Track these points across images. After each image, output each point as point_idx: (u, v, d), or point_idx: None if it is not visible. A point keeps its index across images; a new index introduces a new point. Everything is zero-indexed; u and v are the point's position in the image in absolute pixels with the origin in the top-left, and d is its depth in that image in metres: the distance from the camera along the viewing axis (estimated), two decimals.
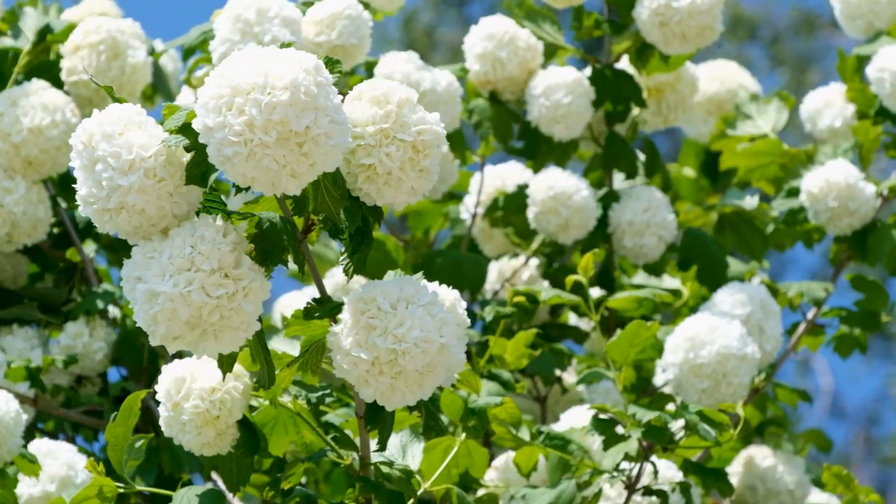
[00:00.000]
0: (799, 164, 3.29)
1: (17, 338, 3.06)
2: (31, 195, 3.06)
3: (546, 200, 3.17)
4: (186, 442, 2.25)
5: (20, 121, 3.02)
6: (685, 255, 3.27)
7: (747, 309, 3.00)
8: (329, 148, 1.93)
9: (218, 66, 1.96)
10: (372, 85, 2.09)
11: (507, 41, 3.22)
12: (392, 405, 2.05)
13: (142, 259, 2.00)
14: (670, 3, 3.09)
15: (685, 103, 3.32)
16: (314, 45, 3.07)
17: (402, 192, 2.07)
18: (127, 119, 2.02)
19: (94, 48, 3.14)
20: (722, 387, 2.88)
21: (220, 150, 1.91)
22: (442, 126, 2.08)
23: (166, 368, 2.28)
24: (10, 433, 2.53)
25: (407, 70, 3.13)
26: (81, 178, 2.02)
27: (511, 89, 3.26)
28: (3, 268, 3.23)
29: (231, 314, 1.98)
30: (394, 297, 2.04)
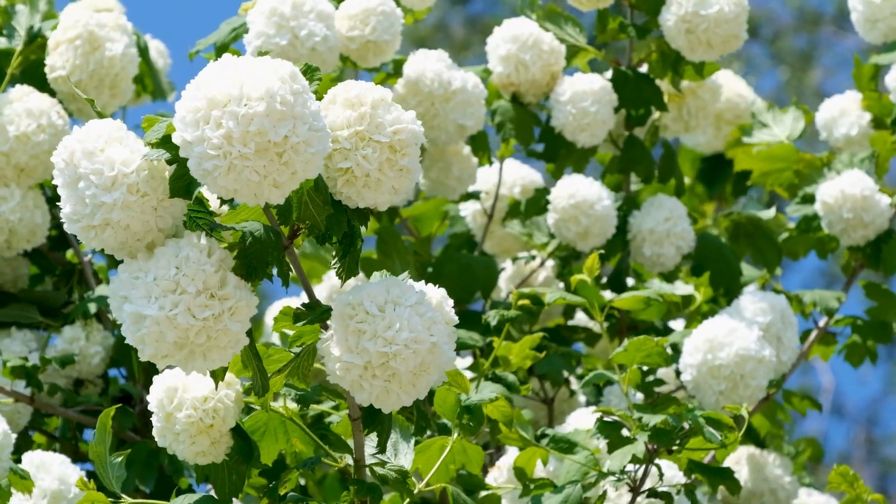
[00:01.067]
0: (814, 171, 3.26)
1: (15, 340, 3.05)
2: (27, 202, 3.04)
3: (567, 208, 3.14)
4: (181, 452, 2.23)
5: (6, 129, 2.99)
6: (699, 261, 3.24)
7: (768, 318, 2.98)
8: (309, 156, 1.91)
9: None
10: (346, 87, 2.06)
11: (531, 44, 3.18)
12: (388, 407, 2.03)
13: (127, 278, 1.98)
14: (698, 11, 3.06)
15: (706, 110, 3.29)
16: (347, 40, 3.06)
17: (382, 192, 2.05)
18: (107, 135, 1.99)
19: (71, 43, 3.09)
20: (739, 389, 2.87)
21: (200, 164, 1.89)
22: (418, 124, 2.06)
23: (157, 379, 2.26)
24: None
25: (438, 69, 3.11)
26: (65, 195, 2.00)
27: (533, 92, 3.23)
28: (3, 271, 3.21)
29: (218, 334, 1.97)
30: (381, 300, 2.02)
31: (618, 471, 2.49)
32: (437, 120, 3.11)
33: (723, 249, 3.25)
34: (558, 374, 3.07)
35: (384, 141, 2.03)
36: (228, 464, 2.26)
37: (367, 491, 2.24)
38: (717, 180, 3.60)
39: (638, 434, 2.49)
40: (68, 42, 3.10)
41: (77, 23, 3.10)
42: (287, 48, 2.96)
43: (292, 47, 2.96)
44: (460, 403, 2.40)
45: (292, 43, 2.96)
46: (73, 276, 3.21)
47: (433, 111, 3.11)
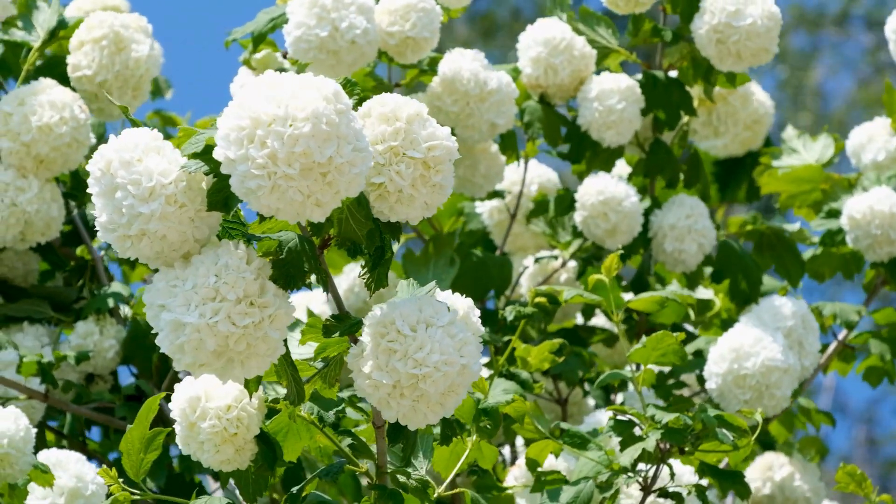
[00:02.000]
0: (840, 190, 3.26)
1: (28, 335, 3.03)
2: (44, 194, 3.02)
3: (596, 205, 3.12)
4: (205, 460, 2.22)
5: (29, 119, 2.97)
6: (719, 267, 3.23)
7: (789, 322, 2.98)
8: (353, 176, 1.89)
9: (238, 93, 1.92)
10: (381, 101, 2.04)
11: (562, 48, 3.16)
12: (414, 425, 2.02)
13: (164, 287, 1.97)
14: (731, 22, 3.04)
15: (736, 116, 3.29)
16: (386, 35, 3.04)
17: (414, 208, 2.03)
18: (144, 144, 1.97)
19: (97, 43, 3.08)
20: (764, 398, 2.88)
21: (243, 183, 1.87)
22: (453, 140, 2.04)
23: (179, 387, 2.25)
24: (21, 452, 2.49)
25: (475, 68, 3.09)
26: (100, 204, 1.98)
27: (560, 95, 3.21)
28: (14, 265, 3.19)
29: (257, 342, 1.95)
30: (413, 320, 2.00)
31: (629, 467, 2.49)
32: (471, 119, 3.10)
33: (744, 258, 3.24)
34: (574, 374, 3.08)
35: (418, 157, 2.01)
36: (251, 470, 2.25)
37: (388, 497, 2.24)
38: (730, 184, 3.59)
39: (650, 432, 2.49)
40: (93, 42, 3.08)
41: (102, 23, 3.08)
42: (327, 40, 2.94)
43: (332, 39, 2.94)
44: (477, 406, 2.40)
45: (332, 35, 2.94)
46: (86, 273, 3.19)
47: (468, 110, 3.09)
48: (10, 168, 3.00)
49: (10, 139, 2.98)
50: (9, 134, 2.98)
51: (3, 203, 2.99)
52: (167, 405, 3.12)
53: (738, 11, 3.04)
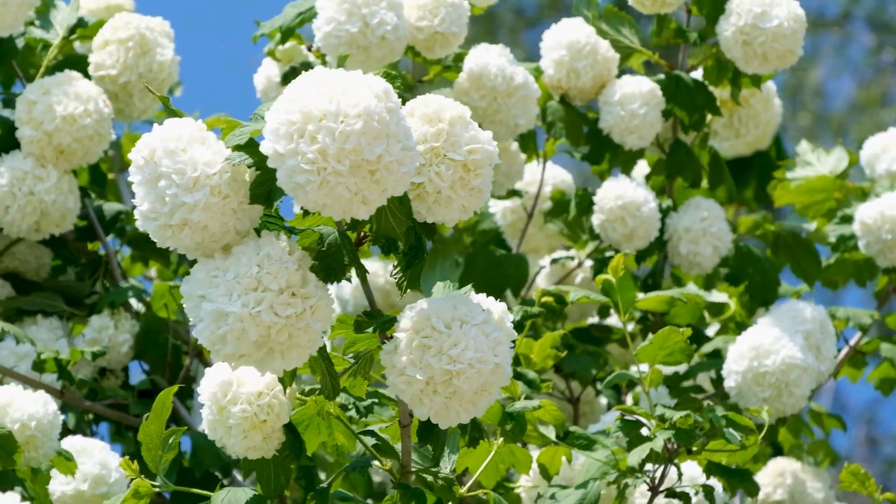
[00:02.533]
0: (853, 198, 3.27)
1: (42, 328, 3.01)
2: (62, 184, 3.01)
3: (615, 209, 3.13)
4: (231, 446, 2.22)
5: (53, 109, 2.96)
6: (736, 270, 3.24)
7: (808, 326, 2.98)
8: (401, 174, 1.89)
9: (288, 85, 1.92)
10: (424, 101, 2.04)
11: (586, 53, 3.17)
12: (446, 424, 2.02)
13: (205, 277, 1.97)
14: (757, 24, 3.04)
15: (758, 118, 3.29)
16: (415, 30, 3.04)
17: (452, 210, 2.03)
18: (189, 135, 1.98)
19: (122, 44, 3.09)
20: (784, 396, 2.88)
21: (291, 177, 1.87)
22: (494, 145, 2.05)
23: (210, 372, 2.25)
24: (48, 437, 2.49)
25: (501, 64, 3.10)
26: (142, 193, 1.97)
27: (581, 97, 3.22)
28: (27, 259, 3.17)
29: (299, 333, 1.95)
30: (448, 317, 2.01)
31: (636, 467, 2.50)
32: (498, 115, 3.10)
33: (761, 261, 3.25)
34: (586, 372, 3.08)
35: (459, 159, 2.01)
36: (276, 460, 2.25)
37: (412, 496, 2.24)
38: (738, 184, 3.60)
39: (658, 432, 2.50)
40: (119, 42, 3.08)
41: (129, 24, 3.09)
42: (357, 35, 2.95)
43: (362, 35, 2.95)
44: (504, 409, 2.40)
45: (363, 31, 2.95)
46: (100, 268, 3.18)
47: (495, 106, 3.10)
48: (29, 156, 2.99)
49: (33, 127, 2.97)
50: (32, 122, 2.97)
51: (21, 191, 2.97)
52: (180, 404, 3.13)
53: (764, 13, 3.05)
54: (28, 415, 2.48)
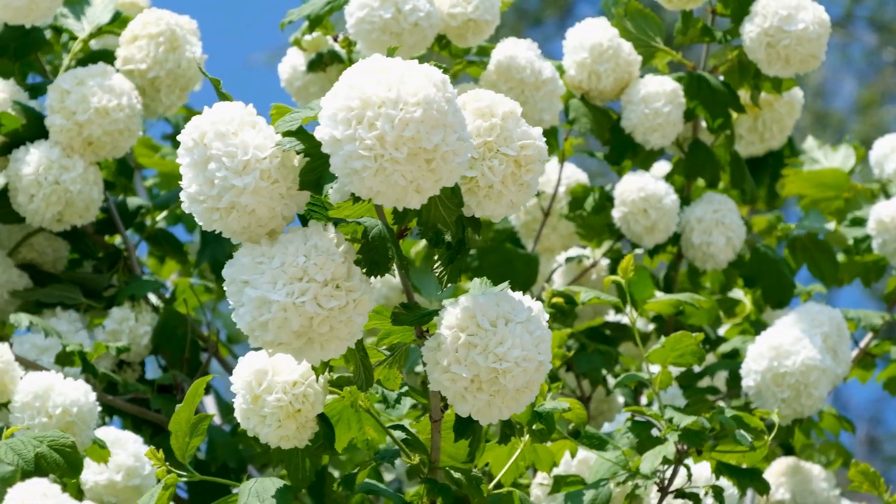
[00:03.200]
0: (863, 199, 3.26)
1: (62, 320, 2.96)
2: (88, 175, 2.96)
3: (637, 201, 3.11)
4: (265, 435, 2.18)
5: (88, 100, 2.92)
6: (752, 273, 3.21)
7: (825, 329, 2.97)
8: (455, 165, 1.87)
9: (347, 71, 1.89)
10: (476, 96, 2.02)
11: (608, 56, 3.14)
12: (487, 420, 2.00)
13: (250, 262, 1.93)
14: (782, 27, 3.02)
15: (782, 122, 3.27)
16: (448, 17, 3.01)
17: (501, 205, 2.01)
18: (240, 118, 1.94)
19: (153, 39, 3.06)
20: (802, 398, 2.86)
21: (347, 163, 1.84)
22: (544, 140, 2.03)
23: (244, 360, 2.21)
24: (86, 425, 2.45)
25: (530, 57, 3.07)
26: (190, 175, 1.94)
27: (601, 98, 3.20)
28: (44, 250, 3.13)
29: (340, 325, 1.92)
30: (492, 314, 1.98)
31: (649, 472, 2.47)
32: (526, 107, 3.06)
33: (776, 263, 3.22)
34: (597, 372, 3.06)
35: (511, 154, 1.99)
36: (307, 450, 2.22)
37: (439, 492, 2.21)
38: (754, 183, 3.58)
39: (668, 434, 2.48)
40: (149, 38, 3.06)
41: (160, 20, 3.06)
42: (390, 21, 2.92)
43: (395, 21, 2.92)
44: (532, 408, 2.37)
45: (395, 17, 2.92)
46: (119, 262, 3.14)
47: (523, 99, 3.07)
48: (56, 146, 2.95)
49: (64, 116, 2.93)
50: (63, 111, 2.93)
51: (47, 180, 2.93)
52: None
53: (790, 16, 3.03)
54: (70, 400, 2.44)
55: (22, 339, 2.88)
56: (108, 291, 3.13)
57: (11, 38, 3.04)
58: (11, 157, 2.97)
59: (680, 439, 2.47)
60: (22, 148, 2.96)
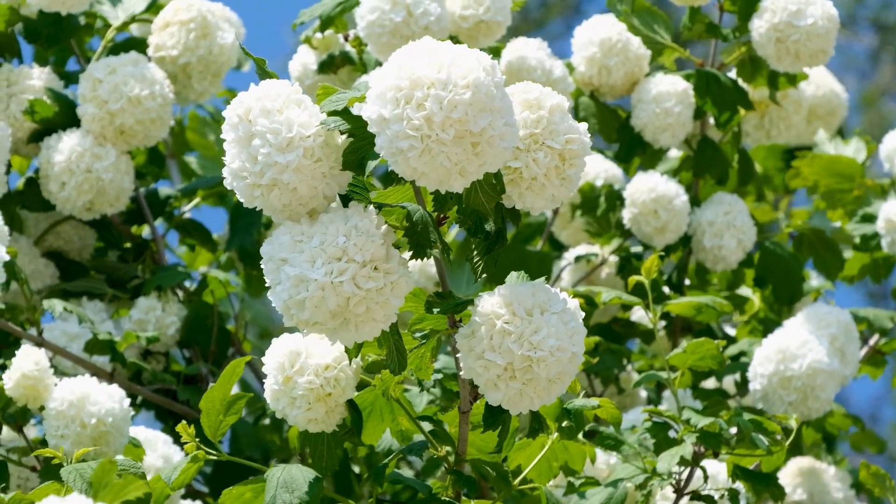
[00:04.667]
0: (873, 195, 3.22)
1: (87, 310, 2.93)
2: (119, 164, 2.95)
3: (647, 202, 3.08)
4: (293, 416, 2.15)
5: (120, 89, 2.91)
6: (761, 272, 3.18)
7: (832, 330, 2.94)
8: (501, 150, 1.85)
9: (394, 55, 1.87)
10: (525, 88, 2.00)
11: (617, 50, 3.12)
12: (517, 410, 1.97)
13: (289, 241, 1.91)
14: (791, 22, 3.00)
15: (789, 120, 3.24)
16: (459, 19, 2.99)
17: (542, 198, 1.99)
18: (286, 96, 1.92)
19: (184, 25, 3.05)
20: (809, 400, 2.83)
21: (393, 142, 1.82)
22: (588, 136, 2.01)
23: (277, 341, 2.18)
24: (121, 434, 2.42)
25: (541, 57, 3.05)
26: (234, 151, 1.92)
27: (612, 94, 3.18)
28: (71, 238, 3.11)
29: (376, 307, 1.90)
30: (528, 304, 1.96)
31: (666, 472, 2.44)
32: None
33: (786, 261, 3.19)
34: (609, 371, 3.03)
35: (556, 147, 1.97)
36: (334, 436, 2.19)
37: (464, 483, 2.18)
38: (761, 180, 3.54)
39: (686, 435, 2.45)
40: (181, 24, 3.05)
41: (191, 7, 3.05)
42: (401, 25, 2.90)
43: (406, 25, 2.90)
44: (562, 405, 2.34)
45: (406, 21, 2.91)
46: (146, 252, 3.12)
47: None
48: (89, 134, 2.93)
49: (97, 105, 2.92)
50: (96, 100, 2.92)
51: (79, 168, 2.91)
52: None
53: (799, 11, 3.00)
54: (105, 410, 2.42)
55: (52, 326, 2.84)
56: (134, 282, 3.11)
57: (44, 25, 3.02)
58: (44, 145, 2.96)
59: (697, 441, 2.45)
60: (54, 136, 2.95)
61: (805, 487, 3.11)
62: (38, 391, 2.44)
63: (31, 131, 3.01)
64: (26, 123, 2.99)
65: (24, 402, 2.44)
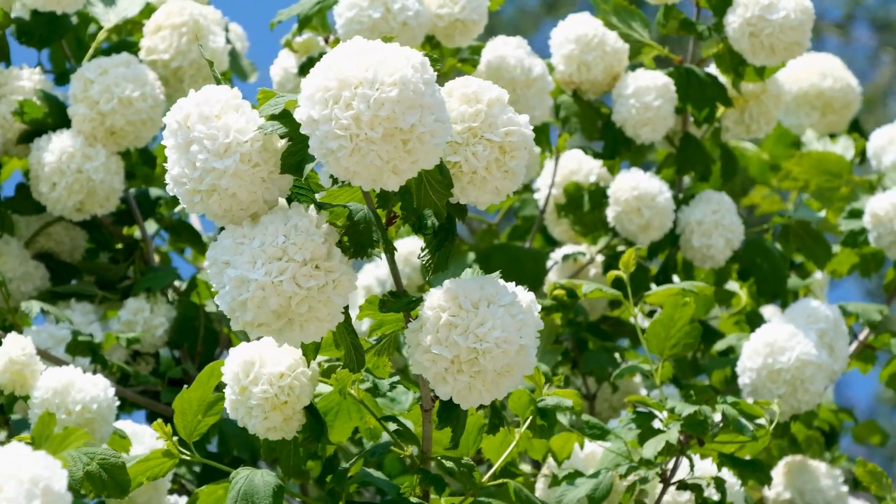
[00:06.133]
0: (861, 191, 3.19)
1: (75, 312, 2.94)
2: (110, 164, 2.95)
3: (630, 200, 3.06)
4: (252, 426, 2.15)
5: (111, 89, 2.91)
6: (746, 265, 3.16)
7: (821, 325, 2.91)
8: (432, 146, 1.83)
9: (327, 54, 1.86)
10: (464, 82, 1.99)
11: (595, 45, 3.10)
12: (468, 404, 1.96)
13: (231, 244, 1.90)
14: (764, 15, 2.97)
15: (768, 115, 3.21)
16: (435, 17, 2.98)
17: (485, 191, 1.97)
18: (224, 101, 1.92)
19: (176, 29, 3.04)
20: (798, 393, 2.81)
21: (323, 143, 1.81)
22: (530, 128, 1.99)
23: (234, 351, 2.18)
24: (106, 421, 2.42)
25: (520, 56, 3.04)
26: (174, 157, 1.92)
27: (593, 90, 3.16)
28: (62, 240, 3.12)
29: (319, 306, 1.89)
30: (475, 297, 1.94)
31: (651, 459, 2.42)
32: (517, 106, 3.02)
33: (771, 254, 3.16)
34: (603, 370, 3.00)
35: (496, 140, 1.95)
36: (295, 441, 2.18)
37: (431, 481, 2.17)
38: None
39: (670, 423, 2.43)
40: (172, 28, 3.04)
41: (183, 10, 3.04)
42: (379, 21, 2.89)
43: (384, 21, 2.89)
44: (534, 404, 2.32)
45: (384, 17, 2.89)
46: (136, 253, 3.11)
47: (514, 97, 3.03)
48: (79, 135, 2.94)
49: (88, 106, 2.92)
50: (87, 100, 2.92)
51: (70, 168, 2.91)
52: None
53: (771, 5, 2.97)
54: (90, 397, 2.40)
55: (39, 329, 2.85)
56: (124, 283, 3.11)
57: (37, 25, 3.03)
58: (34, 146, 2.97)
59: (682, 429, 2.43)
60: (44, 136, 2.96)
61: (796, 485, 3.08)
62: (24, 377, 2.43)
63: (21, 132, 3.01)
64: (16, 124, 2.99)
65: (11, 388, 2.43)
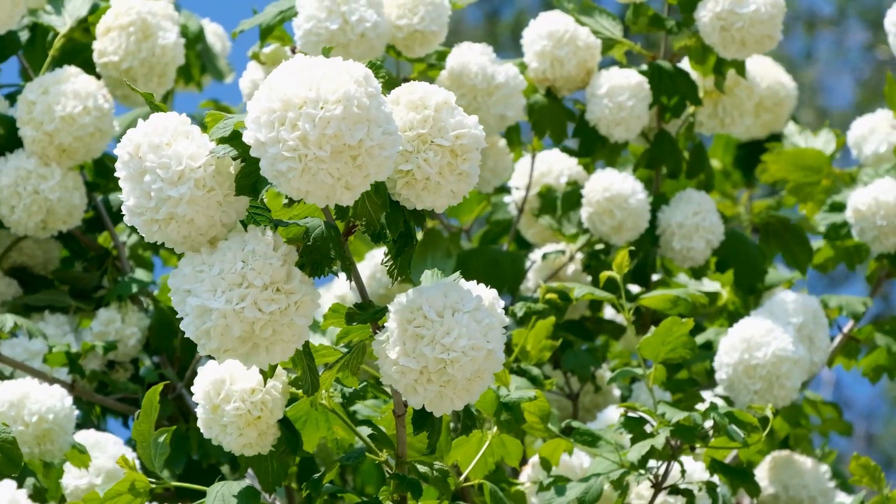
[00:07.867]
0: (842, 185, 3.17)
1: (49, 324, 2.92)
2: (66, 182, 2.91)
3: (602, 202, 3.03)
4: (227, 443, 2.14)
5: (52, 109, 2.87)
6: (724, 257, 3.14)
7: (800, 318, 2.91)
8: (382, 159, 1.82)
9: (271, 74, 1.84)
10: (409, 89, 1.97)
11: (566, 40, 3.07)
12: (440, 412, 1.95)
13: (191, 272, 1.89)
14: (734, 9, 2.95)
15: (742, 107, 3.19)
16: (395, 28, 2.95)
17: (441, 196, 1.96)
18: (174, 129, 1.90)
19: (123, 30, 2.99)
20: (775, 389, 2.80)
21: (273, 166, 1.80)
22: (480, 129, 1.97)
23: (203, 370, 2.16)
24: (64, 430, 2.40)
25: (483, 62, 3.00)
26: (128, 188, 1.90)
27: (568, 87, 3.12)
28: (34, 253, 3.09)
29: (283, 328, 1.88)
30: (439, 305, 1.93)
31: (638, 464, 2.41)
32: (479, 113, 2.98)
33: (749, 247, 3.14)
34: (585, 369, 2.98)
35: (446, 145, 1.94)
36: (272, 455, 2.17)
37: (407, 486, 2.16)
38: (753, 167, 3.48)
39: (661, 429, 2.41)
40: (120, 28, 2.99)
41: (130, 10, 2.99)
42: (337, 33, 2.86)
43: (342, 32, 2.86)
44: (499, 400, 2.31)
45: (342, 28, 2.86)
46: (108, 260, 3.09)
47: (475, 104, 3.00)
48: (32, 156, 2.91)
49: (34, 128, 2.89)
50: (32, 122, 2.89)
51: (26, 191, 2.89)
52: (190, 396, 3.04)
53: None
54: (46, 408, 2.40)
55: (14, 342, 2.84)
56: (99, 292, 3.08)
57: None
58: None
59: (672, 435, 2.41)
60: (0, 159, 2.92)
61: (782, 480, 3.07)
62: None
63: None
64: None
65: None
